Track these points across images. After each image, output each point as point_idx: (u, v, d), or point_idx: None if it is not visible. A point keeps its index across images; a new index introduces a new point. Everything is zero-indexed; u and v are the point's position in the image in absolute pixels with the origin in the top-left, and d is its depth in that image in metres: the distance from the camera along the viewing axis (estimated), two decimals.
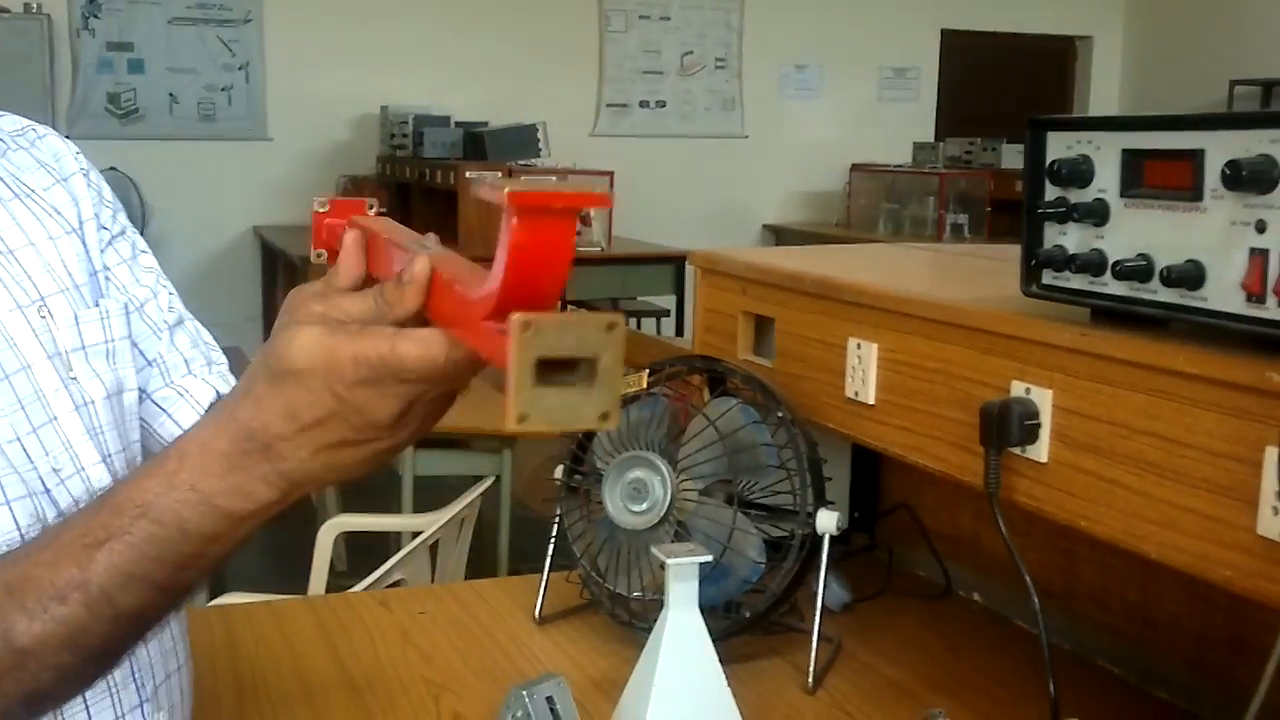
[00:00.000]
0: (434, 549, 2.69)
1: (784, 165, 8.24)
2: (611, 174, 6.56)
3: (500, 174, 5.95)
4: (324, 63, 7.00)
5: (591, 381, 0.60)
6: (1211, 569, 0.99)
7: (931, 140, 8.30)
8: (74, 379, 0.94)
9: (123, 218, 1.07)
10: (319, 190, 6.80)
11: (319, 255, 0.87)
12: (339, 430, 0.71)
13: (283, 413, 0.72)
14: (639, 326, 6.57)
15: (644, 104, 7.87)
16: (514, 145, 6.22)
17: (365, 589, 2.31)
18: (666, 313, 6.77)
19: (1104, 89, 9.11)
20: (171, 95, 6.73)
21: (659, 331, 6.66)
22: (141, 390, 1.02)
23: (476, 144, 6.22)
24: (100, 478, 0.92)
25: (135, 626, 0.80)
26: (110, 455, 0.94)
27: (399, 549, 3.19)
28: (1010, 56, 8.93)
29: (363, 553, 3.71)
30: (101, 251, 1.03)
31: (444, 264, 0.71)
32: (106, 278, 1.02)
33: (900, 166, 7.91)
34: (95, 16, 6.52)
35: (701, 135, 8.02)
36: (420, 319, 0.71)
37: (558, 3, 7.53)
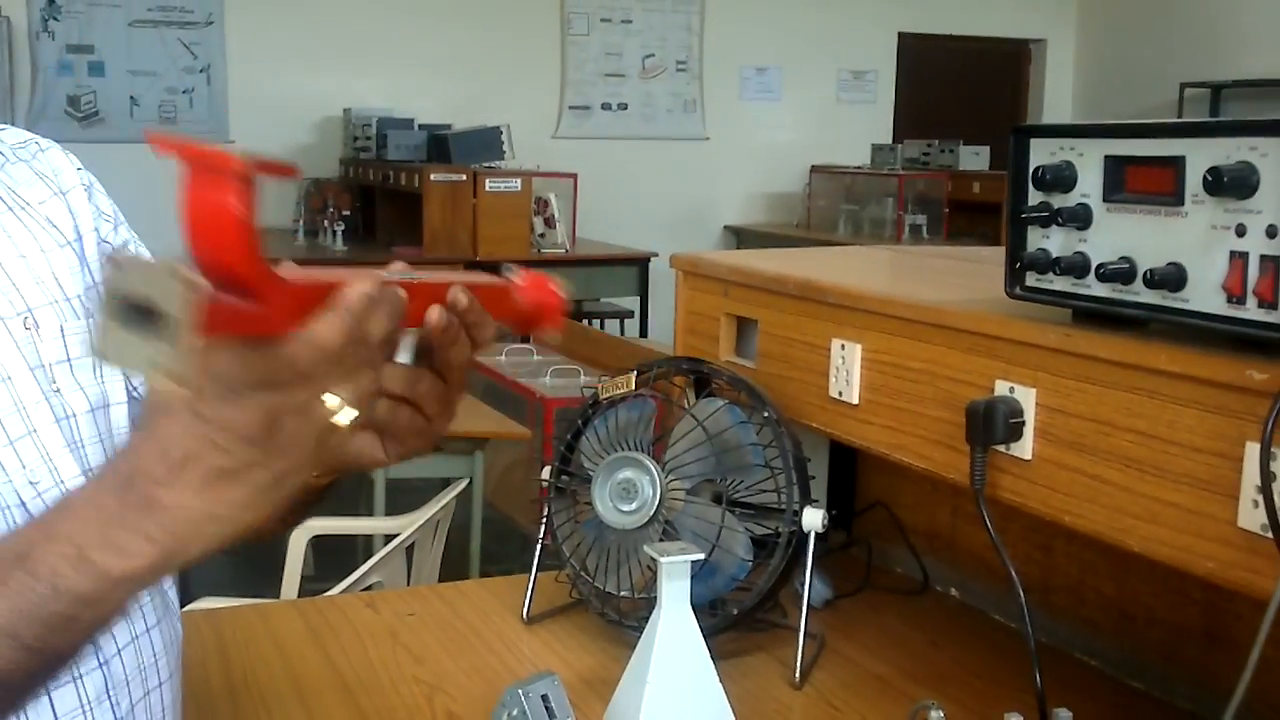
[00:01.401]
0: (409, 551, 2.70)
1: (744, 167, 8.29)
2: (575, 176, 6.58)
3: (464, 176, 5.96)
4: (286, 65, 6.97)
5: (167, 333, 0.58)
6: (1194, 561, 1.02)
7: (890, 142, 8.38)
8: (57, 391, 0.94)
9: (125, 230, 1.08)
10: (281, 193, 6.78)
11: None
12: (210, 457, 0.67)
13: (155, 454, 0.68)
14: (603, 327, 6.58)
15: (606, 106, 7.89)
16: (478, 147, 6.22)
17: (342, 591, 2.32)
18: (630, 314, 6.80)
19: (1057, 91, 9.23)
20: (132, 98, 6.68)
21: (623, 332, 6.69)
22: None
23: (440, 146, 6.21)
24: None
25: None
26: (91, 470, 0.93)
27: (368, 552, 3.19)
28: (966, 59, 9.03)
29: (329, 556, 3.70)
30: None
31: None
32: None
33: (859, 168, 7.99)
34: (55, 19, 6.45)
35: (663, 137, 8.06)
36: None
37: (520, 6, 7.54)
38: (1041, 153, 1.12)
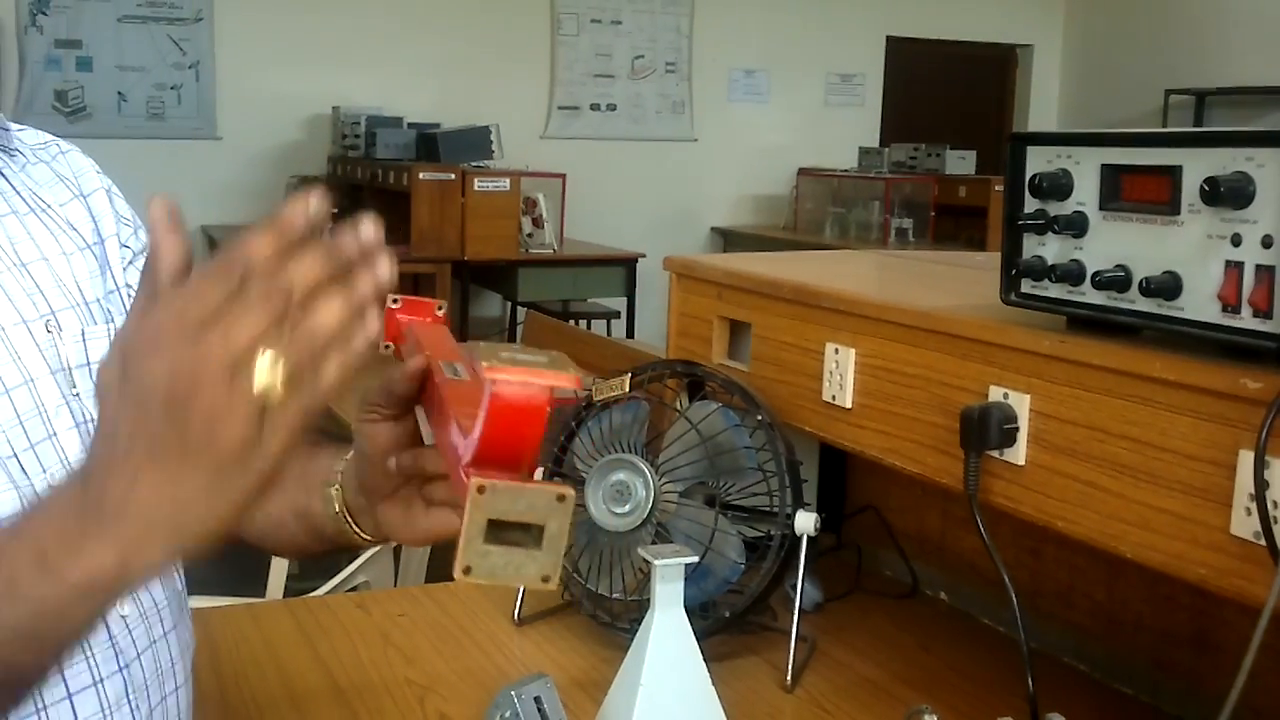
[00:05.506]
0: (395, 551, 2.69)
1: (732, 169, 8.29)
2: (564, 176, 6.57)
3: (453, 175, 5.95)
4: (275, 62, 6.94)
5: (538, 544, 0.63)
6: (1186, 568, 1.03)
7: (877, 145, 8.39)
8: (76, 395, 0.94)
9: (144, 234, 1.08)
10: (268, 191, 6.77)
11: (386, 348, 0.89)
12: (146, 424, 0.60)
13: (101, 438, 0.63)
14: (589, 328, 6.58)
15: (595, 107, 7.89)
16: (466, 147, 6.21)
17: (328, 592, 2.31)
18: (617, 314, 6.80)
19: (1043, 96, 9.25)
20: (120, 94, 6.64)
21: (609, 333, 6.69)
22: None
23: (429, 145, 6.20)
24: None
25: None
26: None
27: (352, 552, 3.17)
28: (953, 64, 9.05)
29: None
30: (124, 269, 1.03)
31: (453, 387, 0.75)
32: (129, 294, 1.03)
33: (846, 171, 7.99)
34: (43, 13, 6.41)
35: (651, 138, 8.06)
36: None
37: (510, 5, 7.53)
38: (1038, 160, 1.13)
